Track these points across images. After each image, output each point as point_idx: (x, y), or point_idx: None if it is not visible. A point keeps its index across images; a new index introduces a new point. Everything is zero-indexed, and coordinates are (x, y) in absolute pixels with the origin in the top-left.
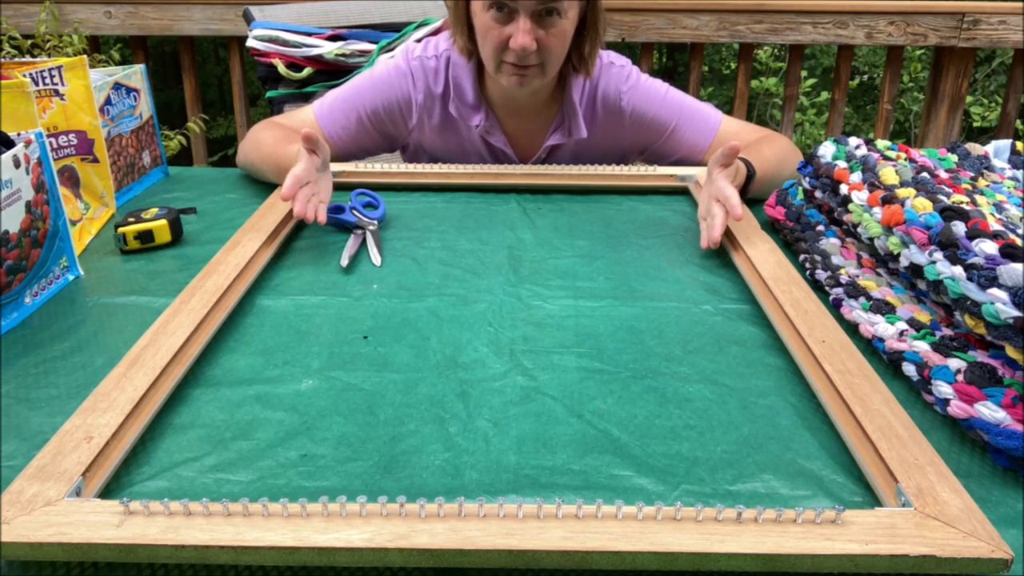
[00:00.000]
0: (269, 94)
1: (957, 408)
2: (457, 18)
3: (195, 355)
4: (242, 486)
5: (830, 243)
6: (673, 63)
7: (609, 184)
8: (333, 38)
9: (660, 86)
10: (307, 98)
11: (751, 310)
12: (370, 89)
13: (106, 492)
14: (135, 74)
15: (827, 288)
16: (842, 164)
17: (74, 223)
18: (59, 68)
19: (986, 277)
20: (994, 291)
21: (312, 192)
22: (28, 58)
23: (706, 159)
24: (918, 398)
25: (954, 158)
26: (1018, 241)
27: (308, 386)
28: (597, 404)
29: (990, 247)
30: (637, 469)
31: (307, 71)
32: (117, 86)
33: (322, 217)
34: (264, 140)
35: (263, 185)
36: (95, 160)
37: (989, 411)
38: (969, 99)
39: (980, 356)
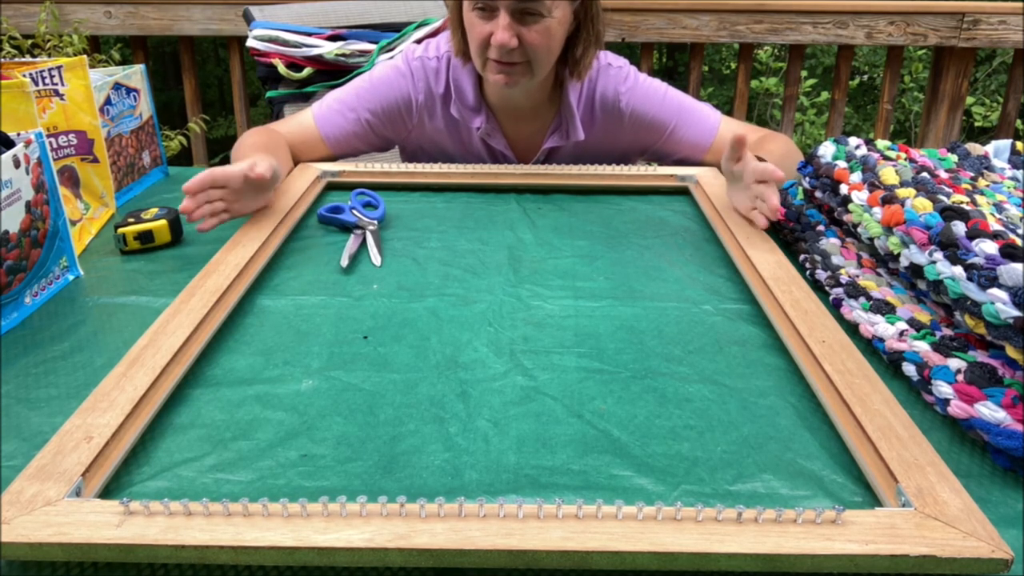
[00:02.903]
0: (269, 94)
1: (957, 408)
2: (453, 20)
3: (195, 355)
4: (242, 486)
5: (830, 243)
6: (673, 63)
7: (609, 184)
8: (333, 38)
9: (659, 86)
10: (307, 98)
11: (751, 310)
12: (369, 91)
13: (106, 492)
14: (135, 74)
15: (827, 288)
16: (842, 164)
17: (74, 223)
18: (59, 68)
19: (986, 277)
20: (994, 291)
21: (220, 197)
22: (28, 58)
23: (707, 159)
24: (918, 398)
25: (954, 158)
26: (1018, 241)
27: (308, 386)
28: (597, 404)
29: (990, 247)
30: (637, 469)
31: (307, 71)
32: (117, 86)
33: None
34: (245, 143)
35: None
36: (95, 160)
37: (989, 411)
38: (970, 99)
39: (980, 356)
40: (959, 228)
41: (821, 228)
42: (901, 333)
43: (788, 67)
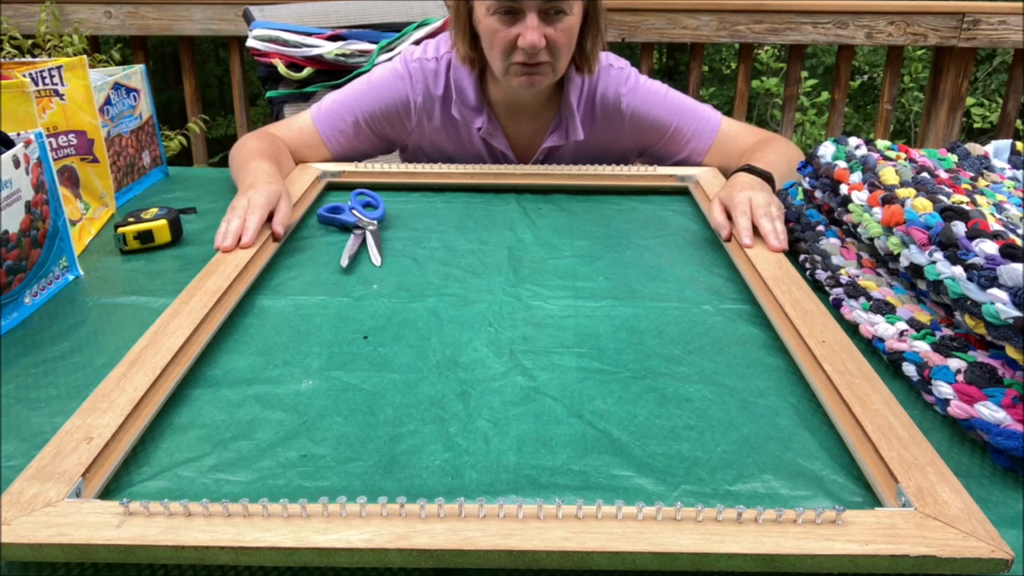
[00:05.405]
0: (269, 94)
1: (957, 408)
2: (459, 26)
3: (195, 355)
4: (242, 486)
5: (830, 243)
6: (673, 63)
7: (609, 184)
8: (333, 38)
9: (660, 88)
10: (307, 98)
11: (751, 310)
12: (367, 93)
13: (106, 493)
14: (135, 74)
15: (827, 288)
16: (842, 164)
17: (74, 223)
18: (59, 68)
19: (986, 277)
20: (994, 291)
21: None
22: (28, 58)
23: (707, 160)
24: (918, 398)
25: (954, 158)
26: (1018, 241)
27: (308, 386)
28: (597, 404)
29: (990, 247)
30: (637, 469)
31: (307, 71)
32: (117, 86)
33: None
34: (247, 148)
35: None
36: (95, 160)
37: (989, 411)
38: (970, 100)
39: (980, 356)
40: (959, 228)
41: (821, 228)
42: (901, 333)
43: (788, 67)
